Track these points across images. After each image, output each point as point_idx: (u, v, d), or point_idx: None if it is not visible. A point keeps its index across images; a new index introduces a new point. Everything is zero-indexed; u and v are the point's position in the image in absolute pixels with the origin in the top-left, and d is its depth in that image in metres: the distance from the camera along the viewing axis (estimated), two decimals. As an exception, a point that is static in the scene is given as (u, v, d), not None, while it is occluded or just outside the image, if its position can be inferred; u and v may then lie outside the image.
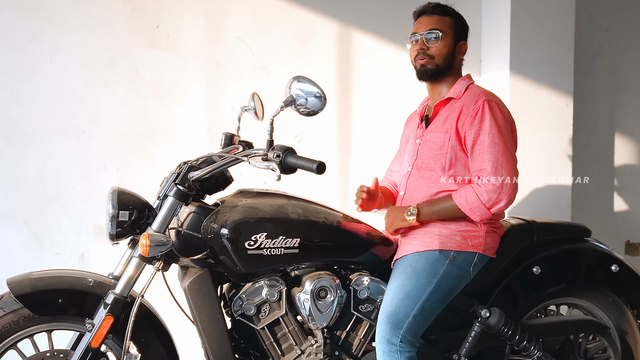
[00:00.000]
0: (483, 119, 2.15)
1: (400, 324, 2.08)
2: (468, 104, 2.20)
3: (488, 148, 2.13)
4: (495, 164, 2.11)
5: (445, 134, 2.22)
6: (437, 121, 2.28)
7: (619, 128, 3.85)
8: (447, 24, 2.27)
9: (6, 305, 2.01)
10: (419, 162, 2.29)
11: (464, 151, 2.19)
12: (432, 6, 2.31)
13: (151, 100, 3.07)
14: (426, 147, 2.27)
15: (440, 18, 2.27)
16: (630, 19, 3.82)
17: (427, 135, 2.28)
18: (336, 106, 3.32)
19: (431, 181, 2.25)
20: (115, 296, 2.00)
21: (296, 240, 2.11)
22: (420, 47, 2.25)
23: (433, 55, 2.24)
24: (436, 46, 2.24)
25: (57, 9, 2.94)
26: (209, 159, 2.17)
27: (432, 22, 2.26)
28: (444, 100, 2.28)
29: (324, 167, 1.92)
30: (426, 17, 2.29)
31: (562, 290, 2.44)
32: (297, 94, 1.98)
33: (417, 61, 2.27)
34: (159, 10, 3.06)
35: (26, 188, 2.95)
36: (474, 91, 2.24)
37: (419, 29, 2.28)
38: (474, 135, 2.15)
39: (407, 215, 2.19)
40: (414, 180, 2.30)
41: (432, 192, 2.24)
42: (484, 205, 2.11)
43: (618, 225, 3.87)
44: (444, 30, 2.25)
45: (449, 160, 2.21)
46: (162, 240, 1.97)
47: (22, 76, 2.91)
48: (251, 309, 2.14)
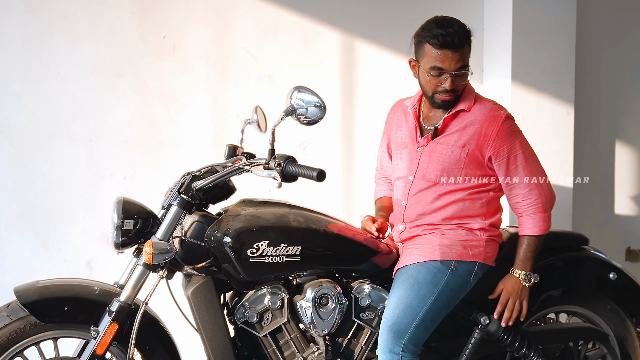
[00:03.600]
0: (511, 135, 2.21)
1: (402, 334, 2.10)
2: (489, 120, 2.20)
3: (523, 167, 2.21)
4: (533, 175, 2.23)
5: (462, 149, 2.21)
6: (449, 133, 2.24)
7: (619, 136, 3.86)
8: (468, 54, 2.17)
9: (13, 313, 2.04)
10: (422, 171, 2.27)
11: (481, 165, 2.23)
12: (457, 36, 2.11)
13: (158, 109, 3.13)
14: (434, 157, 2.24)
15: (465, 50, 2.14)
16: (631, 27, 3.85)
17: (435, 146, 2.24)
18: (340, 115, 3.36)
19: (437, 193, 2.25)
20: (119, 304, 2.04)
21: (298, 248, 2.14)
22: (450, 87, 2.15)
23: (458, 89, 2.19)
24: (464, 83, 2.19)
25: (66, 20, 2.99)
26: (213, 168, 2.20)
27: (460, 59, 2.12)
28: (454, 113, 2.24)
29: (324, 174, 1.97)
30: (452, 52, 2.10)
31: (561, 298, 2.47)
32: (298, 104, 2.02)
33: (439, 96, 2.18)
34: (166, 21, 3.11)
35: (34, 196, 3.00)
36: (487, 105, 2.24)
37: (447, 66, 2.11)
38: (506, 153, 2.20)
39: (525, 282, 2.24)
40: (417, 191, 2.29)
41: (437, 204, 2.25)
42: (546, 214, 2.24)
43: (618, 232, 3.90)
44: (467, 62, 2.17)
45: (464, 174, 2.23)
46: (166, 248, 2.01)
47: (31, 86, 2.97)
48: (254, 317, 2.17)
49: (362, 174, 3.39)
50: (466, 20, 3.31)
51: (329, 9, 3.31)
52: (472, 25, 3.38)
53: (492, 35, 3.47)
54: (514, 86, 3.34)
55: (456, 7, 3.47)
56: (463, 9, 3.49)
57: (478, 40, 3.49)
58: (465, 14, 3.48)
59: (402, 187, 2.35)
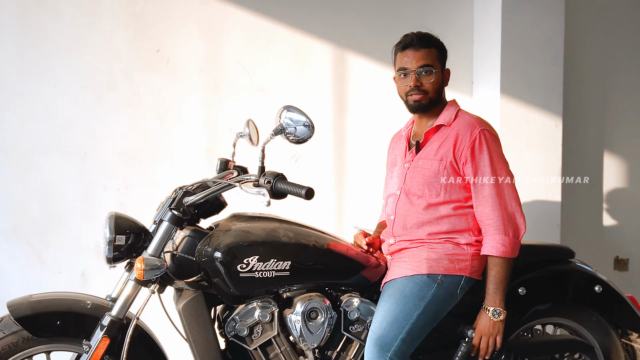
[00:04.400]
0: (482, 150, 2.22)
1: (388, 347, 2.13)
2: (464, 133, 2.24)
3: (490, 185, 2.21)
4: (501, 198, 2.21)
5: (440, 162, 2.26)
6: (428, 148, 2.31)
7: (607, 147, 3.89)
8: (435, 56, 2.28)
9: (6, 327, 2.05)
10: (408, 187, 2.33)
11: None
12: (417, 38, 2.27)
13: (151, 122, 3.14)
14: (417, 172, 2.31)
15: (428, 51, 2.26)
16: (618, 40, 3.88)
17: (417, 161, 2.32)
18: (332, 127, 3.38)
19: (421, 207, 2.29)
20: (111, 318, 2.05)
21: (287, 263, 2.17)
22: (414, 84, 2.25)
23: (427, 90, 2.26)
24: (429, 81, 2.26)
25: (60, 33, 3.00)
26: (204, 184, 2.22)
27: (422, 57, 2.25)
28: (435, 127, 2.32)
29: (312, 193, 1.99)
30: (413, 51, 2.26)
31: (547, 310, 2.50)
32: (287, 123, 2.04)
33: (411, 97, 2.27)
34: (160, 35, 3.12)
35: (29, 208, 3.00)
36: (467, 119, 2.29)
37: (409, 64, 2.26)
38: (474, 167, 2.22)
39: (494, 318, 2.21)
40: (403, 204, 2.34)
41: (423, 218, 2.29)
42: (507, 237, 2.20)
43: (607, 241, 3.92)
44: (433, 63, 2.26)
45: (444, 187, 2.26)
46: (157, 264, 2.04)
47: (26, 99, 2.97)
48: (244, 330, 2.20)
49: (354, 186, 3.43)
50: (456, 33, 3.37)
51: (321, 23, 3.34)
52: (462, 39, 3.45)
53: (482, 48, 3.50)
54: (503, 98, 3.37)
55: (446, 21, 3.53)
56: (453, 22, 3.53)
57: (467, 53, 3.55)
58: (455, 27, 3.54)
59: (391, 203, 2.41)
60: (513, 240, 2.22)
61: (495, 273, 2.22)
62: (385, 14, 3.44)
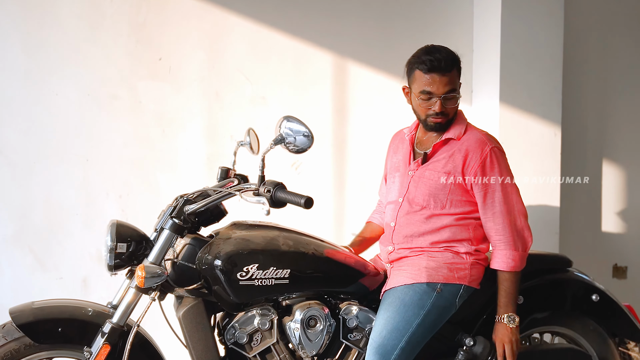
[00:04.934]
0: (493, 168, 2.25)
1: (389, 355, 2.15)
2: (474, 150, 2.26)
3: (500, 203, 2.25)
4: (511, 215, 2.27)
5: (448, 175, 2.27)
6: (436, 160, 2.32)
7: (606, 155, 3.92)
8: (456, 78, 2.26)
9: (8, 333, 2.07)
10: (412, 196, 2.34)
11: (466, 192, 2.28)
12: (444, 61, 2.21)
13: (153, 130, 3.17)
14: (422, 182, 2.32)
15: (452, 75, 2.23)
16: (617, 50, 3.90)
17: (424, 172, 2.32)
18: (332, 135, 3.41)
19: (424, 217, 2.32)
20: (112, 325, 2.07)
21: (287, 271, 2.19)
22: (440, 110, 2.24)
23: (449, 113, 2.27)
24: (453, 106, 2.27)
25: (64, 43, 3.03)
26: (204, 192, 2.24)
27: (448, 82, 2.21)
28: (444, 140, 2.32)
29: (311, 202, 2.01)
30: (440, 76, 2.20)
31: (545, 319, 2.52)
32: (287, 133, 2.07)
33: (432, 119, 2.26)
34: (161, 44, 3.16)
35: (32, 214, 3.04)
36: (477, 136, 2.30)
37: (436, 89, 2.21)
38: (484, 184, 2.25)
39: (510, 324, 2.27)
40: (405, 213, 2.36)
41: (425, 228, 2.31)
42: (517, 252, 2.27)
43: (606, 249, 3.94)
44: (456, 86, 2.26)
45: (450, 200, 2.29)
46: (158, 272, 2.06)
47: (29, 107, 3.01)
48: (244, 338, 2.22)
49: (353, 193, 3.45)
50: (456, 42, 3.39)
51: (321, 32, 3.37)
52: (461, 47, 3.46)
53: (481, 57, 3.53)
54: (502, 107, 3.39)
55: (446, 30, 3.56)
56: (453, 31, 3.56)
57: (467, 63, 3.56)
58: (456, 36, 3.56)
59: (391, 210, 2.42)
60: (522, 254, 2.28)
61: (506, 287, 2.28)
62: (385, 24, 3.47)
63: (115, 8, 3.08)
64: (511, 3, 3.39)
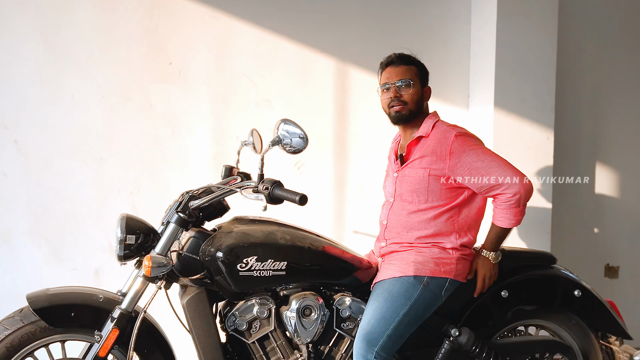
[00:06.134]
0: (464, 149, 2.36)
1: (375, 342, 2.28)
2: (441, 141, 2.40)
3: (484, 168, 2.34)
4: (498, 174, 2.34)
5: (424, 170, 2.42)
6: (412, 159, 2.48)
7: (599, 158, 3.97)
8: (414, 72, 2.48)
9: (25, 317, 2.20)
10: (399, 193, 2.50)
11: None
12: (397, 57, 2.50)
13: (163, 130, 3.28)
14: (405, 181, 2.48)
15: (407, 67, 2.48)
16: (610, 55, 3.96)
17: (404, 171, 2.49)
18: (333, 136, 3.51)
19: (411, 212, 2.46)
20: (121, 311, 2.21)
21: (283, 264, 2.32)
22: (394, 95, 2.45)
23: (407, 101, 2.45)
24: (408, 93, 2.45)
25: (79, 48, 3.15)
26: (208, 189, 2.38)
27: (402, 72, 2.46)
28: (415, 139, 2.49)
29: (305, 199, 2.13)
30: (394, 68, 2.48)
31: (529, 312, 2.62)
32: (284, 135, 2.19)
33: (392, 108, 2.47)
34: (172, 49, 3.27)
35: (48, 209, 3.16)
36: (442, 128, 2.45)
37: (390, 78, 2.47)
38: (463, 164, 2.35)
39: (494, 261, 2.46)
40: (396, 210, 2.51)
41: (411, 222, 2.45)
42: (520, 209, 2.38)
43: (598, 249, 3.99)
44: (412, 78, 2.46)
45: (431, 193, 2.42)
46: (163, 262, 2.20)
47: (46, 107, 3.12)
48: (243, 325, 2.35)
49: (354, 192, 3.56)
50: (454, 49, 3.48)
51: (324, 38, 3.47)
52: (459, 53, 3.56)
53: (478, 63, 3.61)
54: (496, 112, 3.47)
55: (444, 34, 3.65)
56: (450, 36, 3.65)
57: (464, 68, 3.67)
58: (453, 41, 3.65)
59: (385, 210, 2.58)
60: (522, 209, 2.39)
61: (500, 233, 2.43)
62: (385, 31, 3.57)
63: (129, 15, 3.20)
64: (507, 11, 3.47)
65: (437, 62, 3.61)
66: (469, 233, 2.48)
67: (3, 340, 2.18)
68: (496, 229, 2.43)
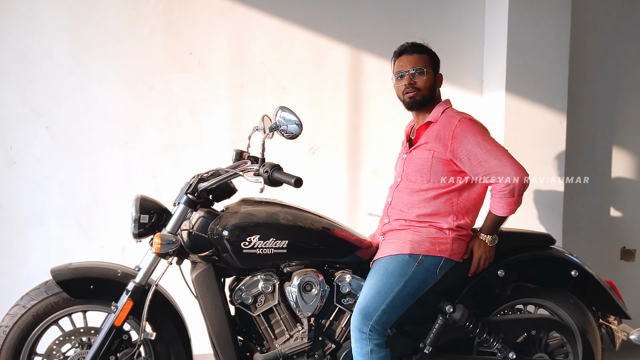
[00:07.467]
0: (465, 134, 2.45)
1: (371, 316, 2.40)
2: (446, 125, 2.50)
3: (482, 155, 2.42)
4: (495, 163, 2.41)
5: (429, 152, 2.52)
6: (420, 142, 2.58)
7: (615, 140, 3.95)
8: (427, 60, 2.58)
9: (49, 289, 2.39)
10: (405, 173, 2.61)
11: (446, 164, 2.50)
12: (410, 46, 2.60)
13: (184, 117, 3.43)
14: (411, 162, 2.59)
15: (420, 56, 2.58)
16: (624, 39, 3.94)
17: (412, 153, 2.60)
18: (347, 122, 3.61)
19: (413, 191, 2.57)
20: (135, 284, 2.38)
21: (285, 242, 2.45)
22: (408, 82, 2.54)
23: (420, 88, 2.55)
24: (422, 80, 2.54)
25: (106, 39, 3.32)
26: (217, 172, 2.52)
27: (415, 60, 2.56)
28: (425, 124, 2.60)
29: (300, 182, 2.26)
30: (408, 56, 2.58)
31: (527, 291, 2.69)
32: (280, 122, 2.33)
33: (406, 95, 2.56)
34: (192, 40, 3.41)
35: (78, 191, 3.35)
36: (449, 114, 2.54)
37: (404, 66, 2.56)
38: (463, 149, 2.44)
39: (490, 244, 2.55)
40: (400, 189, 2.62)
41: (413, 200, 2.55)
42: (514, 199, 2.44)
43: (614, 232, 3.98)
44: (425, 66, 2.56)
45: (433, 174, 2.52)
46: (172, 240, 2.36)
47: (75, 96, 3.31)
48: (249, 299, 2.50)
49: (367, 176, 3.65)
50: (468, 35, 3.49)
51: (337, 26, 3.55)
52: (473, 39, 3.57)
53: (491, 48, 3.63)
54: (508, 97, 3.50)
55: (458, 21, 3.69)
56: (465, 23, 3.69)
57: (478, 54, 3.70)
58: (467, 27, 3.69)
59: (391, 190, 2.70)
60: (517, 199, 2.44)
61: (497, 220, 2.52)
62: (399, 17, 3.63)
63: (151, 8, 3.35)
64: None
65: (451, 48, 3.65)
66: (467, 216, 2.56)
67: (30, 309, 2.37)
68: (492, 216, 2.52)
